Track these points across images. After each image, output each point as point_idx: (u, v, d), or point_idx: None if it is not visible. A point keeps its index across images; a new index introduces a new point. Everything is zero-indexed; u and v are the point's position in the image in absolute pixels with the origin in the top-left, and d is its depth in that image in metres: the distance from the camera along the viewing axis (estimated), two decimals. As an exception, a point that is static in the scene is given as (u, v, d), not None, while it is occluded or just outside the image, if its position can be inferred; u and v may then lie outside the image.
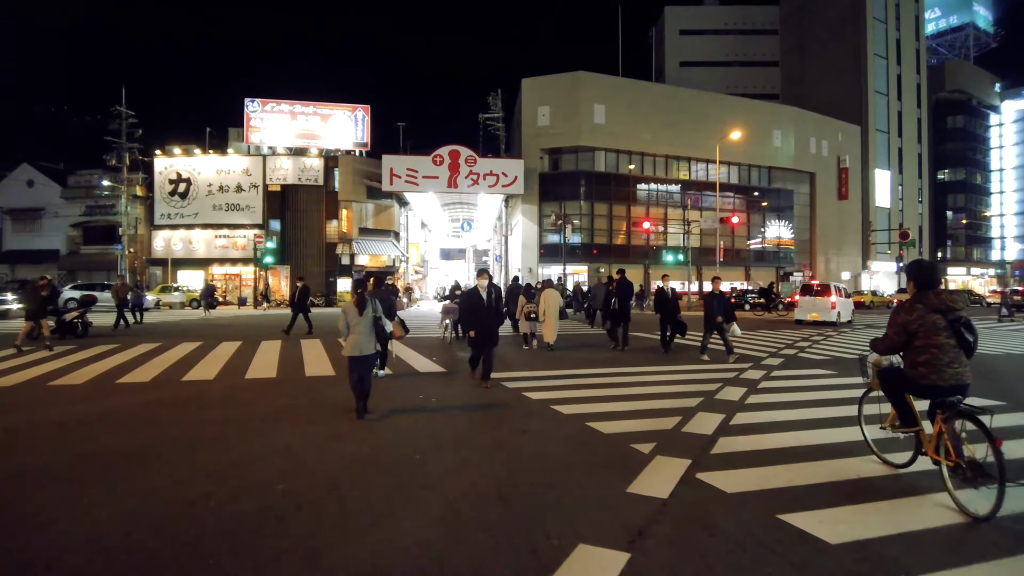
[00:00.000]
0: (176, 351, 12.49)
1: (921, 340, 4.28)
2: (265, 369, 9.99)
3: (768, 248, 48.13)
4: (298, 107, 40.35)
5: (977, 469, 3.93)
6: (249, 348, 12.97)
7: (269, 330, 18.08)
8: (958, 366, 4.20)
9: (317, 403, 7.45)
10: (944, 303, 4.25)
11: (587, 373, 9.81)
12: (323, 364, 10.67)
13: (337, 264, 39.08)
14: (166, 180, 39.42)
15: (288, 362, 10.86)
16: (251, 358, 11.35)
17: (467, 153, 37.53)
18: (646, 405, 7.35)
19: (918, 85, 63.26)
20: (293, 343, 14.09)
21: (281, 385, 8.68)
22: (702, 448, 5.49)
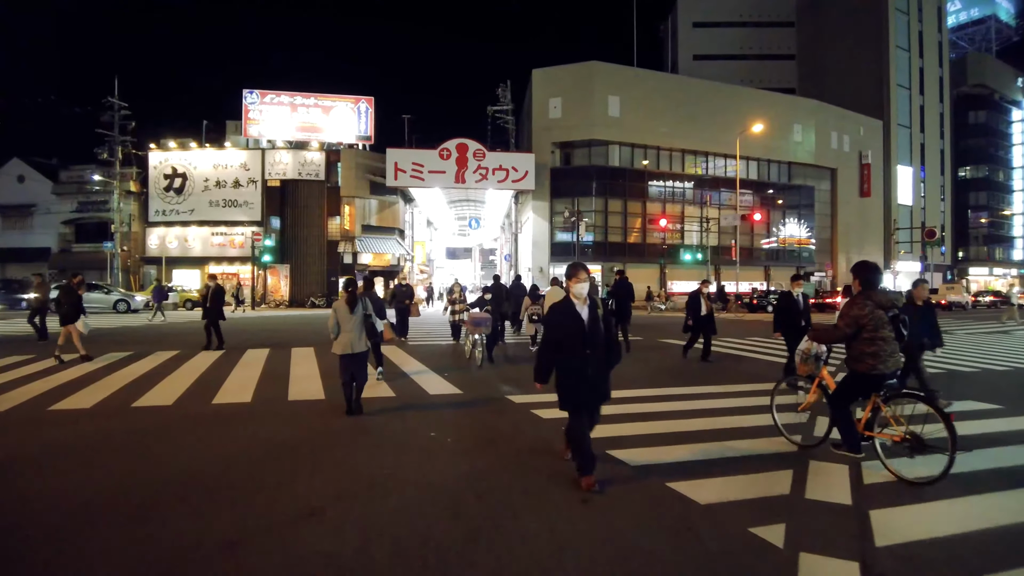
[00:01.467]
0: (144, 363, 10.70)
1: (869, 333, 4.78)
2: (239, 390, 8.17)
3: (789, 247, 46.23)
4: (299, 99, 38.59)
5: (920, 441, 4.58)
6: (229, 360, 11.18)
7: (257, 336, 16.31)
8: (897, 355, 4.84)
9: (292, 448, 5.60)
10: (888, 301, 4.86)
11: (627, 396, 7.96)
12: (312, 383, 8.84)
13: (339, 263, 37.30)
14: (161, 175, 37.71)
15: (270, 380, 9.05)
16: (228, 373, 9.55)
17: (475, 147, 35.81)
18: (727, 447, 5.50)
19: (940, 79, 61.19)
20: (283, 353, 12.30)
21: (252, 416, 6.85)
22: (858, 533, 3.66)
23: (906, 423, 4.73)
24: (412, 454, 5.30)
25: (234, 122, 39.90)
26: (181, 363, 10.73)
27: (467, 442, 5.73)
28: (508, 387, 8.55)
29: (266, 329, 18.84)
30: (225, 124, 40.79)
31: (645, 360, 11.79)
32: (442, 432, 6.08)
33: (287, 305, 36.46)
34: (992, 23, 77.72)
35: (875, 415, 4.93)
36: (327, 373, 9.64)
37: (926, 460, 4.57)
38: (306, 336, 16.44)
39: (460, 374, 9.83)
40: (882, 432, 4.86)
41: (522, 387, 8.57)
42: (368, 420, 6.59)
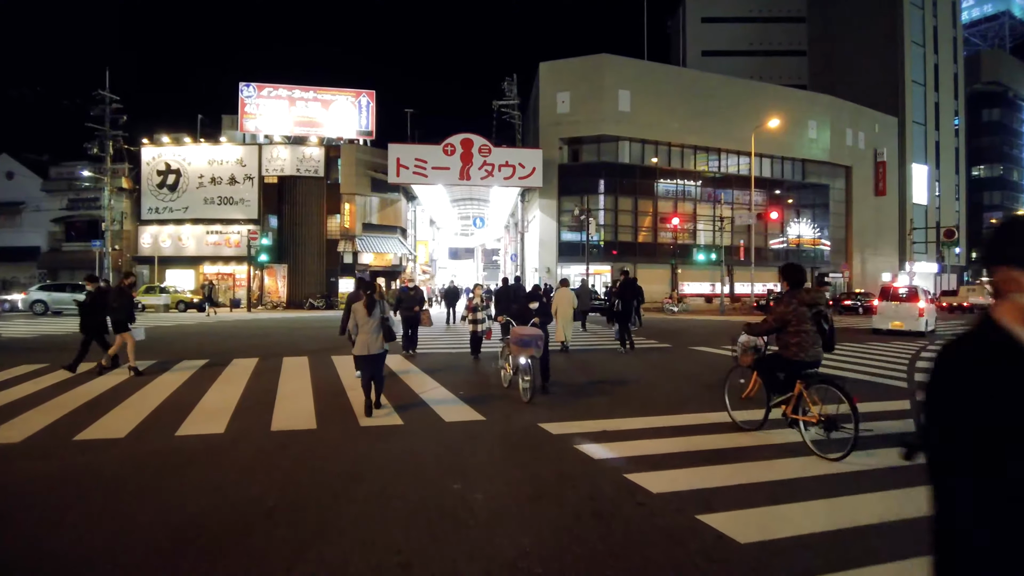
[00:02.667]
0: (110, 377, 9.27)
1: (794, 327, 5.52)
2: (212, 416, 6.71)
3: (803, 248, 44.79)
4: (297, 92, 37.16)
5: (832, 422, 5.23)
6: (209, 374, 9.73)
7: (247, 343, 14.87)
8: (818, 347, 5.56)
9: (263, 513, 4.13)
10: (812, 299, 5.58)
11: (675, 426, 6.52)
12: (302, 404, 7.37)
13: (339, 263, 35.88)
14: (154, 171, 36.32)
15: (252, 401, 7.59)
16: (204, 391, 8.10)
17: (481, 142, 34.36)
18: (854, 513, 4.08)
19: (955, 75, 59.69)
20: (272, 364, 10.85)
21: (220, 456, 5.38)
22: None
23: (822, 405, 5.39)
24: (431, 523, 3.84)
25: (230, 116, 38.50)
26: (154, 376, 9.28)
27: (503, 498, 4.28)
28: (538, 410, 7.10)
29: (258, 334, 17.37)
30: (221, 119, 39.39)
31: (695, 376, 10.32)
32: (468, 481, 4.62)
33: (284, 307, 35.04)
34: (1006, 19, 76.09)
35: (799, 401, 5.56)
36: (321, 390, 8.19)
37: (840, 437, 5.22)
38: (301, 342, 14.96)
39: (477, 392, 8.37)
40: (804, 416, 5.52)
41: (554, 409, 7.12)
42: (370, 461, 5.14)
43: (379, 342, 6.91)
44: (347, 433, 6.05)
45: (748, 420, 6.28)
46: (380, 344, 6.93)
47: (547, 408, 7.06)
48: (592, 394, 8.06)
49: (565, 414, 6.87)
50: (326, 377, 9.41)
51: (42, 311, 25.73)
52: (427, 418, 6.73)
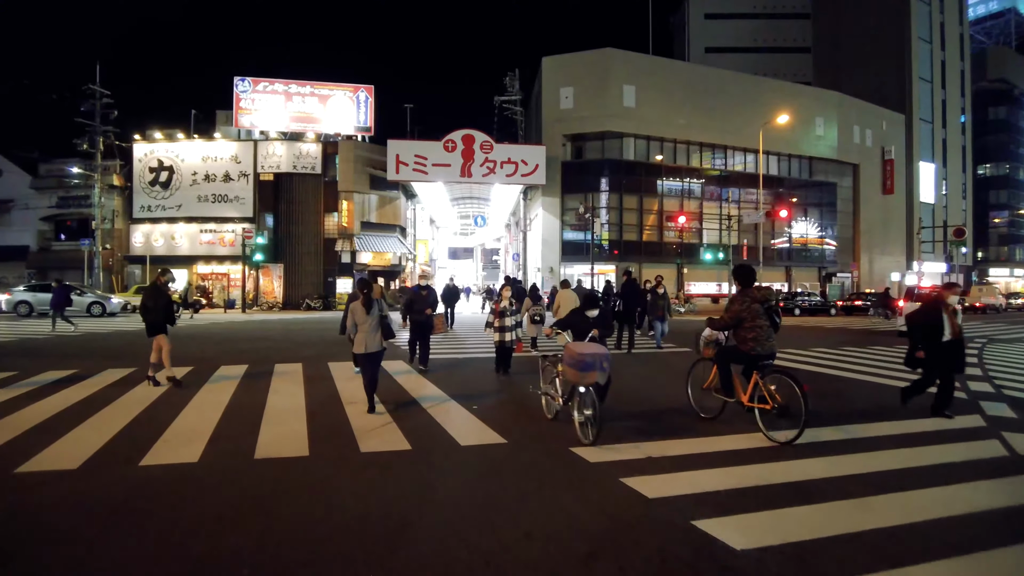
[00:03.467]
0: (79, 389, 8.27)
1: (749, 323, 5.94)
2: (187, 438, 5.72)
3: (810, 246, 43.91)
4: (294, 87, 36.12)
5: (785, 409, 5.62)
6: (191, 383, 8.73)
7: (236, 347, 13.88)
8: (772, 340, 5.98)
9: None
10: (763, 296, 6.02)
11: (724, 451, 5.58)
12: (293, 424, 6.37)
13: (337, 262, 34.85)
14: (146, 168, 35.24)
15: (236, 418, 6.59)
16: (182, 406, 7.10)
17: (482, 138, 33.45)
18: None
19: (962, 72, 58.82)
20: (262, 373, 9.86)
21: (189, 493, 4.41)
22: None
23: (776, 394, 5.69)
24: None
25: (225, 112, 37.44)
26: (127, 389, 8.28)
27: (549, 559, 3.31)
28: (565, 428, 6.12)
29: (250, 338, 16.35)
30: (215, 114, 38.31)
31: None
32: (499, 532, 3.65)
33: (281, 308, 34.01)
34: (1012, 16, 75.18)
35: (756, 390, 5.90)
36: (316, 406, 7.20)
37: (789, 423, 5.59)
38: (296, 347, 13.96)
39: (494, 404, 7.40)
40: (759, 404, 5.83)
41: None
42: (371, 503, 4.16)
43: (377, 340, 6.99)
44: (345, 462, 5.07)
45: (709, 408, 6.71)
46: (379, 342, 7.03)
47: (574, 426, 6.09)
48: (617, 409, 7.06)
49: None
50: (322, 389, 8.42)
51: (27, 312, 24.67)
52: (438, 441, 5.74)
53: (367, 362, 6.99)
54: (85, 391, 8.07)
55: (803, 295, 34.73)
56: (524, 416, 6.86)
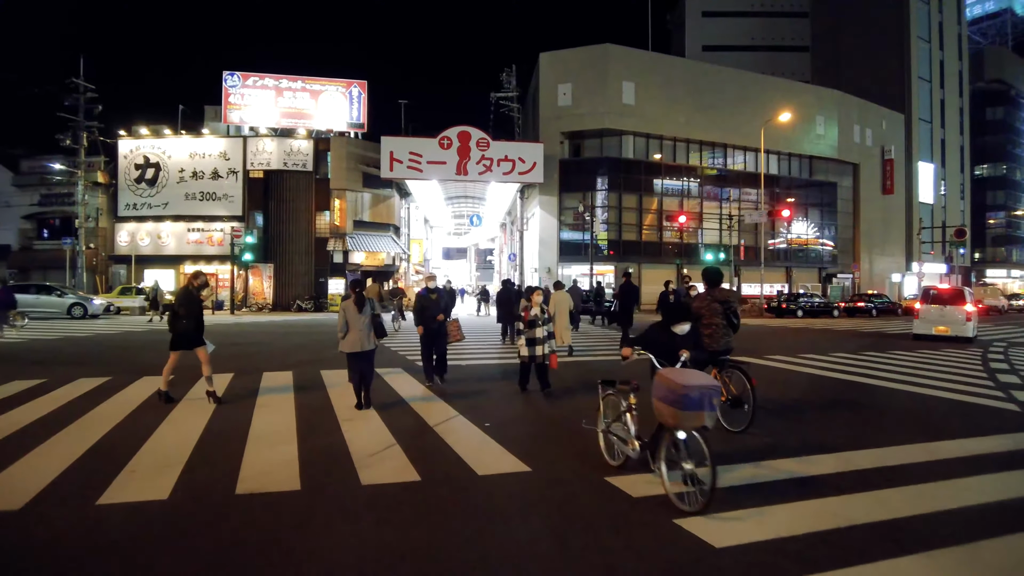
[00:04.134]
0: (45, 401, 7.39)
1: (706, 320, 6.46)
2: (159, 466, 4.87)
3: (810, 247, 43.36)
4: (284, 82, 35.13)
5: (738, 400, 6.22)
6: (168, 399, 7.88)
7: (222, 353, 12.98)
8: (728, 337, 6.50)
9: None
10: (724, 296, 6.58)
11: (795, 478, 4.80)
12: (283, 449, 5.52)
13: (328, 262, 33.91)
14: (131, 165, 34.20)
15: (216, 441, 5.74)
16: (156, 424, 6.24)
17: (479, 135, 32.62)
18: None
19: (960, 72, 58.48)
20: (248, 385, 9.02)
21: (158, 539, 3.58)
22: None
23: (732, 386, 6.37)
24: None
25: (213, 107, 36.40)
26: (98, 402, 7.40)
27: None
28: (592, 445, 5.32)
29: (237, 342, 15.43)
30: (203, 110, 37.24)
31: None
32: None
33: (270, 309, 33.06)
34: (1008, 16, 74.99)
35: None
36: (309, 424, 6.34)
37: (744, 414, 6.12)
38: (286, 351, 13.08)
39: (511, 422, 6.57)
40: None
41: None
42: (375, 559, 3.34)
43: (371, 339, 7.09)
44: (343, 498, 4.24)
45: None
46: (372, 341, 7.13)
47: (561, 404, 5.27)
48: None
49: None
50: (315, 402, 7.58)
51: (4, 314, 23.57)
52: (451, 469, 4.92)
53: (360, 361, 7.06)
54: (48, 406, 7.19)
55: (805, 296, 34.06)
56: (546, 436, 6.05)
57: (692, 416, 3.96)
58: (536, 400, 7.87)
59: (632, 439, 4.63)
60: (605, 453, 5.12)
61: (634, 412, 4.67)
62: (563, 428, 6.33)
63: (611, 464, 4.96)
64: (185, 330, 7.41)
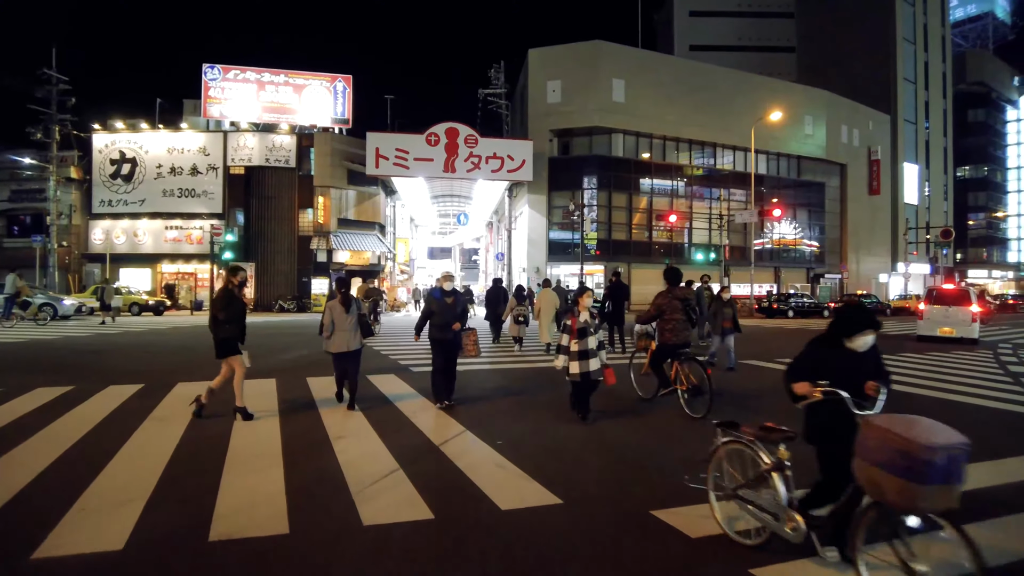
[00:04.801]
0: (3, 411, 6.54)
1: (668, 316, 7.03)
2: (117, 502, 4.07)
3: (800, 248, 43.15)
4: (267, 76, 34.05)
5: (697, 389, 6.82)
6: (137, 410, 7.04)
7: (200, 356, 12.10)
8: (687, 332, 7.09)
9: None
10: (683, 294, 7.23)
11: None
12: (267, 481, 4.73)
13: (312, 261, 32.94)
14: (107, 160, 32.95)
15: (186, 467, 4.95)
16: (118, 446, 5.41)
17: (467, 132, 31.87)
18: None
19: (944, 74, 58.75)
20: (221, 409, 8.19)
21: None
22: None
23: (692, 376, 6.93)
24: None
25: (192, 101, 35.28)
26: (54, 417, 6.54)
27: None
28: (636, 476, 4.62)
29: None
30: (182, 103, 36.10)
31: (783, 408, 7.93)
32: None
33: (252, 309, 31.99)
34: (989, 20, 75.76)
35: (676, 374, 7.08)
36: (295, 443, 5.55)
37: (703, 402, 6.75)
38: (268, 355, 12.23)
39: (526, 440, 5.81)
40: (679, 385, 7.02)
41: (664, 474, 4.63)
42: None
43: (357, 339, 7.05)
44: (343, 544, 3.49)
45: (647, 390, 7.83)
46: (358, 340, 7.10)
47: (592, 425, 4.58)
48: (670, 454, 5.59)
49: (627, 437, 4.39)
50: (302, 416, 6.78)
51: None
52: (469, 502, 4.18)
53: (346, 361, 7.07)
54: (8, 416, 6.33)
55: (796, 296, 33.77)
56: (569, 457, 5.33)
57: (937, 493, 2.53)
58: (544, 412, 7.15)
59: (790, 513, 3.18)
60: (724, 526, 3.62)
61: (788, 471, 3.26)
62: (586, 446, 5.63)
63: (743, 543, 3.48)
64: (231, 335, 6.55)
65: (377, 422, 6.38)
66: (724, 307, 10.89)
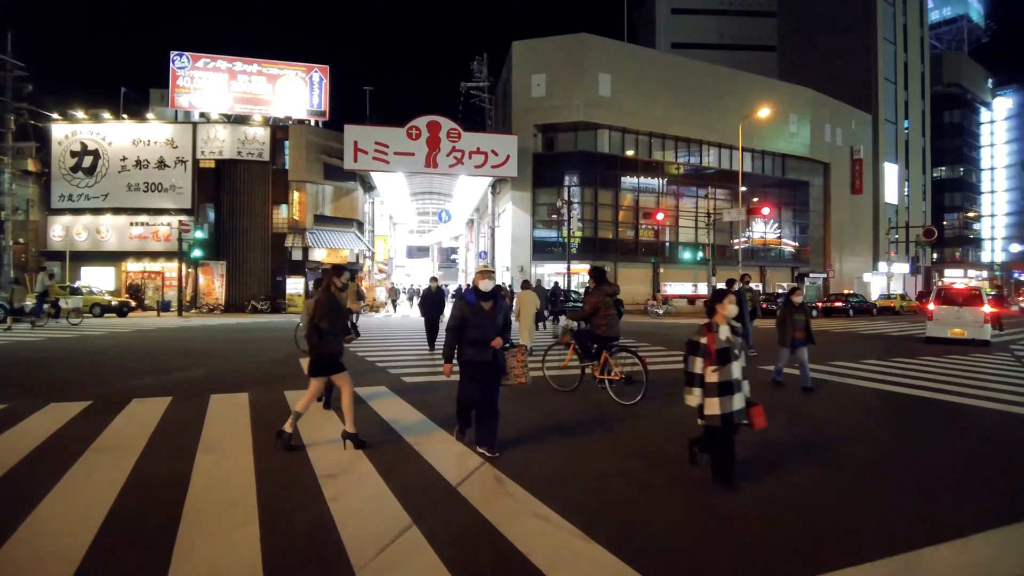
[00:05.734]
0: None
1: (601, 311, 7.56)
2: (40, 568, 2.96)
3: (784, 246, 42.83)
4: (239, 64, 32.44)
5: (629, 379, 7.36)
6: (82, 430, 5.83)
7: (162, 365, 10.84)
8: (617, 325, 7.76)
9: None
10: (611, 291, 7.78)
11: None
12: (236, 540, 3.62)
13: (287, 259, 31.46)
14: (67, 152, 31.09)
15: (133, 521, 3.81)
16: (48, 487, 4.21)
17: (449, 126, 30.79)
18: None
19: (922, 75, 59.14)
20: (190, 412, 7.00)
21: None
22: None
23: (622, 367, 7.52)
24: None
25: (159, 91, 33.55)
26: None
27: None
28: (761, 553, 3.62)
29: (182, 351, 13.22)
30: (148, 93, 34.31)
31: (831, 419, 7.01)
32: None
33: (223, 310, 30.47)
34: (964, 23, 76.74)
35: (606, 364, 7.64)
36: (273, 485, 4.39)
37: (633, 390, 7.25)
38: (240, 364, 10.98)
39: (563, 476, 4.74)
40: (610, 375, 7.57)
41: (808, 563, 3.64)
42: None
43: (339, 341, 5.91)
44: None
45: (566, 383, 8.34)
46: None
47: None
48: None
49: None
50: (279, 447, 5.63)
51: None
52: (501, 554, 3.14)
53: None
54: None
55: (782, 296, 33.23)
56: (620, 498, 4.28)
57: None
58: (576, 438, 6.10)
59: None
60: None
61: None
62: (634, 481, 4.58)
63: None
64: (337, 349, 5.48)
65: (375, 452, 5.28)
66: (795, 313, 8.84)
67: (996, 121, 74.35)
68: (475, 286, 5.31)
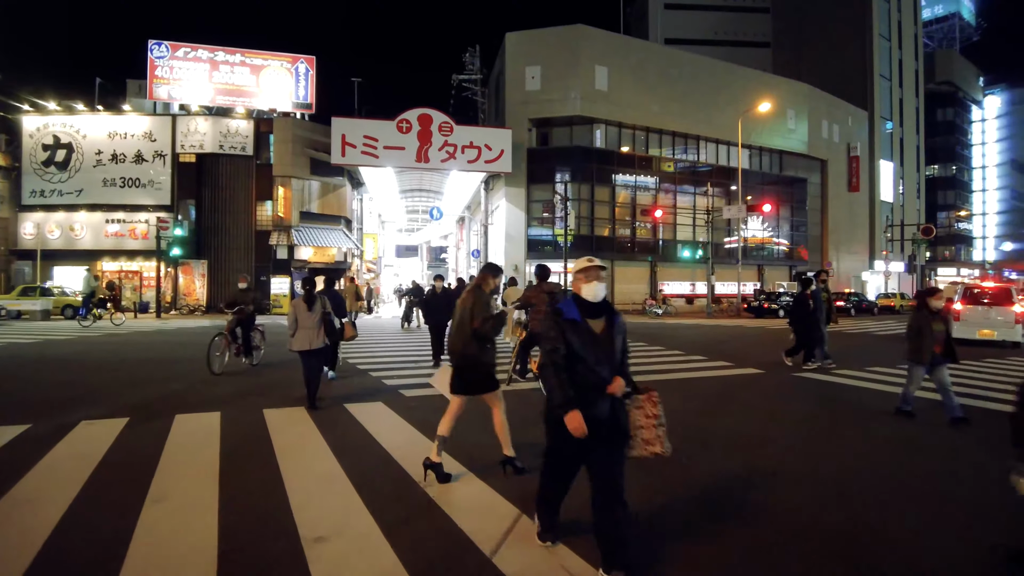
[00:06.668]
0: None
1: (539, 308, 7.67)
2: None
3: (782, 244, 42.09)
4: (221, 55, 31.06)
5: None
6: (11, 462, 4.65)
7: (118, 378, 9.63)
8: None
9: None
10: (550, 288, 7.92)
11: None
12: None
13: (271, 258, 30.12)
14: (38, 145, 29.56)
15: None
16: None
17: (441, 119, 29.60)
18: None
19: (916, 72, 58.67)
20: (146, 440, 5.84)
21: None
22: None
23: None
24: None
25: (137, 82, 32.11)
26: None
27: None
28: None
29: (149, 358, 11.97)
30: (125, 84, 32.84)
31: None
32: None
33: (204, 311, 29.12)
34: (956, 21, 76.53)
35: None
36: (242, 534, 3.27)
37: None
38: (214, 376, 9.74)
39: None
40: None
41: None
42: None
43: (320, 337, 7.01)
44: None
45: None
46: (322, 339, 7.06)
47: None
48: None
49: None
50: (254, 484, 4.45)
51: None
52: None
53: (310, 358, 7.00)
54: None
55: (785, 295, 32.47)
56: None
57: None
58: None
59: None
60: None
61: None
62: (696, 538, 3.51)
63: None
64: (494, 361, 4.61)
65: (367, 488, 4.14)
66: (933, 322, 6.80)
67: (987, 119, 74.30)
68: (573, 291, 3.26)
